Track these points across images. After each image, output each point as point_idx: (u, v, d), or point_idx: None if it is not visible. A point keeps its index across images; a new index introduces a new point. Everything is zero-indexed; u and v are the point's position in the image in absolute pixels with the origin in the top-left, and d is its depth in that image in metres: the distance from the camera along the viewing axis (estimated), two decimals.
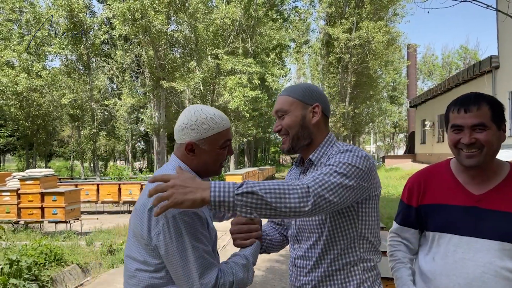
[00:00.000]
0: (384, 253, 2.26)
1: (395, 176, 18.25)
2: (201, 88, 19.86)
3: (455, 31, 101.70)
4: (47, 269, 5.81)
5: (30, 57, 21.17)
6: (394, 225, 1.80)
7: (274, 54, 24.15)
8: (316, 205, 1.24)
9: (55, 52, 20.94)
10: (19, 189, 8.95)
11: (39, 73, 20.71)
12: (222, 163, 1.53)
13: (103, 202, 13.18)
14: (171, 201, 1.19)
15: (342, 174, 1.32)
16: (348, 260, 1.47)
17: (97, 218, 10.40)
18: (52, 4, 20.39)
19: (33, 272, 5.35)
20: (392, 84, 42.71)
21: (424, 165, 24.09)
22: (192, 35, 19.17)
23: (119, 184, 13.05)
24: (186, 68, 19.17)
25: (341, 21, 23.84)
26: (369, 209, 1.47)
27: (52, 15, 21.18)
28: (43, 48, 21.70)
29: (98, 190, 12.99)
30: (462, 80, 21.60)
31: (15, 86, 19.93)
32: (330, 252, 1.46)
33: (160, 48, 18.75)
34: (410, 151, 34.33)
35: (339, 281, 1.46)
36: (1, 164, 44.57)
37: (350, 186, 1.33)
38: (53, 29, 22.65)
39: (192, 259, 1.33)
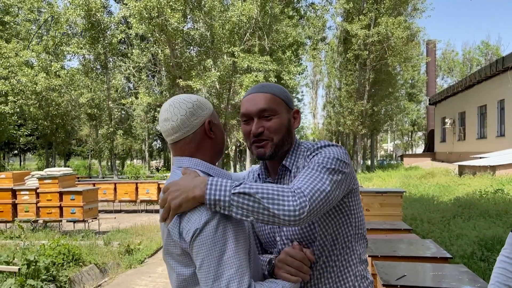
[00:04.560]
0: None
1: (415, 175, 17.81)
2: (217, 86, 19.77)
3: (476, 27, 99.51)
4: (65, 269, 5.76)
5: (48, 57, 21.44)
6: (509, 236, 1.55)
7: (290, 51, 23.89)
8: (312, 210, 1.17)
9: (73, 51, 21.15)
10: (38, 188, 8.97)
11: (57, 72, 20.95)
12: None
13: (120, 201, 13.20)
14: (172, 208, 1.18)
15: (331, 170, 1.27)
16: (344, 257, 1.40)
17: (115, 218, 10.40)
18: (70, 4, 20.57)
19: (51, 272, 5.30)
20: (410, 81, 41.97)
21: (444, 164, 23.57)
22: (208, 33, 19.09)
23: (136, 183, 13.06)
24: (202, 67, 19.10)
25: (359, 17, 23.43)
26: (355, 201, 1.42)
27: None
28: (62, 47, 21.94)
29: (115, 189, 13.01)
30: (484, 76, 21.02)
31: (34, 86, 20.20)
32: (323, 254, 1.39)
33: (177, 47, 18.73)
34: (429, 150, 33.68)
35: (335, 278, 1.40)
36: (22, 163, 45.48)
37: (340, 181, 1.28)
38: (71, 28, 22.89)
39: (228, 255, 1.15)
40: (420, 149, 51.03)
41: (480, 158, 17.68)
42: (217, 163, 1.44)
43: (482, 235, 6.24)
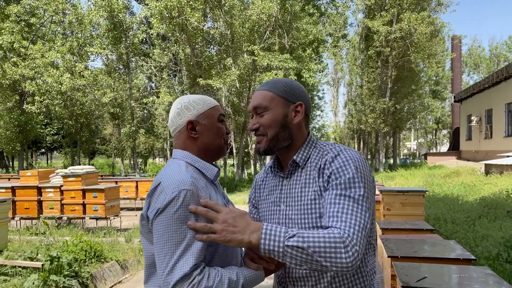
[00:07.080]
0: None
1: (439, 174, 17.41)
2: (237, 85, 19.80)
3: (503, 21, 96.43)
4: (87, 265, 5.86)
5: (73, 58, 21.94)
6: None
7: (311, 49, 23.69)
8: (360, 253, 1.19)
9: (96, 52, 21.56)
10: (62, 186, 9.18)
11: (81, 73, 21.42)
12: (225, 139, 1.50)
13: (142, 199, 13.37)
14: (220, 237, 1.23)
15: (366, 197, 1.27)
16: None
17: (136, 215, 10.55)
18: (93, 5, 20.98)
19: (73, 268, 5.40)
20: (434, 78, 41.06)
21: (470, 163, 22.94)
22: (228, 32, 19.13)
23: None
24: (222, 65, 19.17)
25: (381, 13, 23.05)
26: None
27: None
28: (85, 48, 22.42)
29: (137, 187, 13.18)
30: None
31: (60, 86, 20.72)
32: None
33: (197, 46, 18.86)
34: (454, 148, 32.88)
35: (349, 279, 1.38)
36: (49, 161, 46.78)
37: (371, 205, 1.30)
38: (94, 29, 23.34)
39: (182, 237, 1.24)
40: (444, 148, 49.90)
41: (508, 156, 17.16)
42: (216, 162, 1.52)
43: (509, 236, 6.04)
